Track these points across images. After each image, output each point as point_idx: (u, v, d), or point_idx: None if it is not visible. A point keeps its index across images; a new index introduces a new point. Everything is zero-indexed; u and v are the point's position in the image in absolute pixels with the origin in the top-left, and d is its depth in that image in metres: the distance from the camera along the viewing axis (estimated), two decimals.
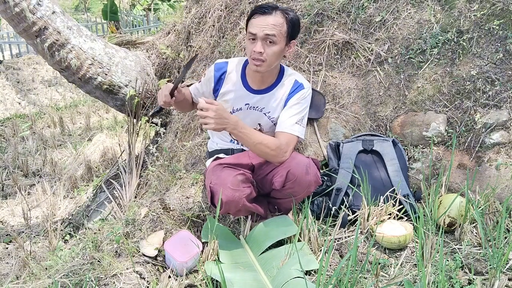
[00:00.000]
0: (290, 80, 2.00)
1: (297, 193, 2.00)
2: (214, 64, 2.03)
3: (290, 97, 1.98)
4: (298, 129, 1.96)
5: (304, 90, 1.99)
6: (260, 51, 1.81)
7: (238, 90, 2.00)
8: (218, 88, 2.01)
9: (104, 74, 3.09)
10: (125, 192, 3.06)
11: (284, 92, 1.99)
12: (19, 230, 3.51)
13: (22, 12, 2.75)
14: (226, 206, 1.88)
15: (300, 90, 1.98)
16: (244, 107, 2.01)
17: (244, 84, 2.00)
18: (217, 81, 2.01)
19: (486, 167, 2.36)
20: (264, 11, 1.81)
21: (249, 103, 2.00)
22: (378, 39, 2.70)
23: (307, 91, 1.99)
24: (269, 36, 1.80)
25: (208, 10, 3.23)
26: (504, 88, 2.43)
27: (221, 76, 2.01)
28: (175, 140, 2.95)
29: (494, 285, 1.71)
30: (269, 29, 1.79)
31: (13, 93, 7.14)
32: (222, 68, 2.01)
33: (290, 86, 1.99)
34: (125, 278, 1.80)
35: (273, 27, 1.80)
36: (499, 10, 2.50)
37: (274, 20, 1.81)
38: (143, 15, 11.61)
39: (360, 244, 2.11)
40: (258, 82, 1.98)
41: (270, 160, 1.95)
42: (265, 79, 1.97)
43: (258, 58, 1.83)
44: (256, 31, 1.80)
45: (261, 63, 1.84)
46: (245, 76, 2.00)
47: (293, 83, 1.99)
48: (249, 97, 2.00)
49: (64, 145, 5.39)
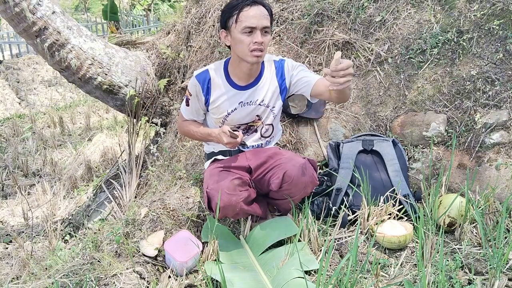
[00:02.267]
0: (270, 63, 2.02)
1: (294, 194, 2.00)
2: (195, 77, 1.98)
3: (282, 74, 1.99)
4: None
5: (286, 60, 2.01)
6: (262, 41, 1.81)
7: (228, 91, 1.98)
8: (208, 97, 1.98)
9: (104, 74, 3.09)
10: (125, 192, 3.06)
11: (272, 77, 2.00)
12: (19, 230, 3.51)
13: (22, 12, 2.75)
14: (223, 211, 1.88)
15: (284, 63, 2.00)
16: (238, 105, 1.99)
17: (231, 84, 1.98)
18: (205, 91, 1.98)
19: (486, 167, 2.36)
20: (253, 2, 1.81)
21: (242, 100, 1.99)
22: (378, 39, 2.70)
23: (289, 60, 2.02)
24: (265, 28, 1.82)
25: (208, 10, 3.23)
26: (504, 88, 2.43)
27: (208, 85, 1.97)
28: (175, 140, 2.95)
29: (494, 285, 1.71)
30: (265, 20, 1.82)
31: (13, 93, 7.14)
32: (205, 77, 1.97)
33: (273, 67, 2.01)
34: (125, 278, 1.80)
35: (267, 17, 1.83)
36: (499, 10, 2.50)
37: (264, 10, 1.83)
38: (143, 15, 11.61)
39: (360, 244, 2.11)
40: (247, 76, 1.96)
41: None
42: (253, 72, 1.95)
43: (259, 48, 1.82)
44: (255, 24, 1.79)
45: (261, 53, 1.84)
46: (229, 77, 1.98)
47: (273, 64, 2.01)
48: (240, 95, 1.98)
49: (64, 145, 5.39)
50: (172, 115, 3.27)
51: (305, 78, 1.94)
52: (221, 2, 3.16)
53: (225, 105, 1.98)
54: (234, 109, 1.99)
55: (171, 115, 3.30)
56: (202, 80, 1.96)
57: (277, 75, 1.99)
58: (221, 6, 3.14)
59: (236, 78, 1.97)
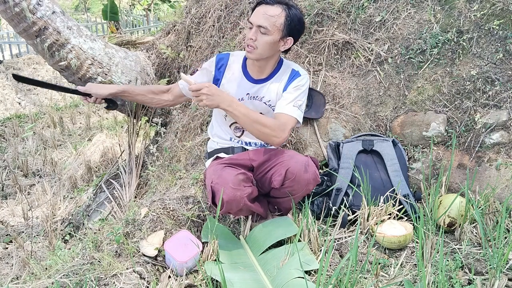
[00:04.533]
0: (288, 69, 2.04)
1: (296, 191, 2.00)
2: (216, 55, 2.09)
3: (288, 84, 2.01)
4: (296, 112, 1.97)
5: (301, 77, 2.02)
6: (252, 38, 1.87)
7: (240, 79, 2.04)
8: (219, 78, 2.06)
9: (104, 74, 3.09)
10: (125, 192, 3.06)
11: (282, 81, 2.03)
12: (19, 230, 3.51)
13: (22, 12, 2.75)
14: (227, 206, 1.88)
15: (297, 77, 2.01)
16: (246, 97, 2.04)
17: (245, 74, 2.05)
18: (217, 70, 2.06)
19: (486, 167, 2.36)
20: (267, 2, 1.88)
21: (250, 92, 2.04)
22: (378, 39, 2.70)
23: (303, 78, 2.02)
24: (261, 27, 1.85)
25: (208, 10, 3.23)
26: (504, 88, 2.43)
27: (221, 67, 2.06)
28: (175, 140, 2.95)
29: (494, 285, 1.71)
30: (263, 19, 1.85)
31: (13, 93, 7.14)
32: (223, 59, 2.06)
33: (288, 75, 2.03)
34: (125, 278, 1.80)
35: (268, 18, 1.85)
36: (499, 10, 2.49)
37: (272, 11, 1.85)
38: (143, 15, 11.61)
39: (360, 244, 2.11)
40: (257, 71, 2.03)
41: (268, 140, 1.95)
42: (262, 69, 2.01)
43: (250, 44, 1.89)
44: (253, 20, 1.88)
45: (252, 49, 1.90)
46: (246, 67, 2.05)
47: (290, 72, 2.03)
48: (249, 86, 2.04)
49: (64, 145, 5.39)
50: (172, 115, 3.27)
51: (281, 101, 1.99)
52: (221, 2, 3.16)
53: (234, 90, 2.04)
54: (241, 98, 2.04)
55: (171, 115, 3.30)
56: (219, 59, 2.06)
57: (287, 82, 2.03)
58: (221, 6, 3.15)
59: (250, 70, 2.05)
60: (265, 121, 1.90)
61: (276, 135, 1.91)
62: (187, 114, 2.98)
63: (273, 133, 1.90)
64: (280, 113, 1.96)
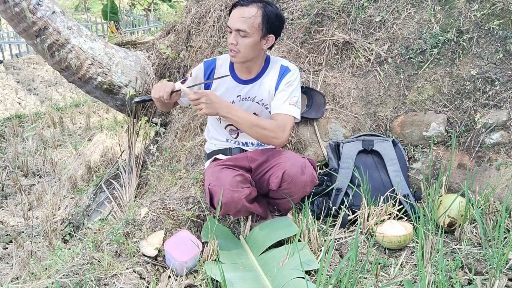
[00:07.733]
0: (276, 66, 2.03)
1: (294, 193, 2.00)
2: (203, 62, 2.08)
3: (279, 81, 2.01)
4: (293, 109, 1.97)
5: (291, 72, 2.01)
6: (232, 43, 1.87)
7: (229, 82, 2.04)
8: (209, 84, 2.06)
9: (104, 74, 3.09)
10: (125, 192, 3.06)
11: (272, 78, 2.02)
12: (19, 230, 3.51)
13: (22, 12, 2.75)
14: (225, 207, 1.88)
15: (287, 73, 2.01)
16: (236, 99, 2.04)
17: (234, 76, 2.04)
18: (207, 77, 2.05)
19: (486, 167, 2.36)
20: (241, 3, 1.87)
21: (241, 94, 2.03)
22: (378, 39, 2.70)
23: (293, 73, 2.01)
24: (240, 30, 1.85)
25: (208, 10, 3.23)
26: (504, 88, 2.43)
27: (211, 72, 2.05)
28: (175, 140, 2.95)
29: (494, 285, 1.71)
30: (240, 23, 1.84)
31: (13, 93, 7.14)
32: (211, 65, 2.06)
33: (277, 71, 2.02)
34: (125, 278, 1.80)
35: (245, 20, 1.84)
36: (499, 10, 2.49)
37: (248, 12, 1.84)
38: (143, 15, 11.61)
39: (360, 244, 2.11)
40: (245, 72, 2.02)
41: (269, 142, 1.96)
42: (250, 69, 2.01)
43: (232, 49, 1.89)
44: (230, 24, 1.87)
45: (235, 53, 1.90)
46: (234, 69, 2.05)
47: (280, 68, 2.02)
48: (239, 88, 2.03)
49: (64, 145, 5.39)
50: (172, 115, 3.27)
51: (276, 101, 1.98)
52: (221, 2, 3.16)
53: (224, 94, 2.02)
54: (232, 101, 2.03)
55: (171, 115, 3.30)
56: (207, 66, 2.05)
57: (278, 80, 2.02)
58: (221, 6, 3.15)
59: (238, 71, 2.03)
60: (264, 124, 1.90)
61: (277, 136, 1.91)
62: (187, 114, 2.98)
63: (273, 134, 1.91)
64: (277, 114, 1.96)
